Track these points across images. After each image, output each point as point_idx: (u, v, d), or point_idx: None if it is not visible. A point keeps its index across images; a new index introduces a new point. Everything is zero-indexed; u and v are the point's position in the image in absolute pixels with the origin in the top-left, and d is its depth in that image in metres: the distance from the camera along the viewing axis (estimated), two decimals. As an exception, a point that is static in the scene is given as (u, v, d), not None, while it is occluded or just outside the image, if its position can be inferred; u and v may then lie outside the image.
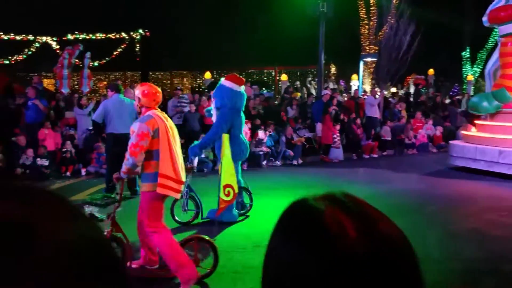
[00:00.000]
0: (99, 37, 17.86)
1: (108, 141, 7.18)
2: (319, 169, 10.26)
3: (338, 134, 11.58)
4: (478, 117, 9.85)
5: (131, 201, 6.98)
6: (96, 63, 18.22)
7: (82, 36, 17.37)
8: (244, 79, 6.08)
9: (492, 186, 7.83)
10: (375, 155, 12.36)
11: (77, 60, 9.60)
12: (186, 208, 5.59)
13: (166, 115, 3.79)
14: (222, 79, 5.90)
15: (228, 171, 4.39)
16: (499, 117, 9.03)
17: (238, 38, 23.88)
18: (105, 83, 25.25)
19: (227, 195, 4.37)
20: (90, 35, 17.72)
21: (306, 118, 12.75)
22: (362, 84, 18.95)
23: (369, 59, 19.21)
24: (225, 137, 4.71)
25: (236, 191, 4.61)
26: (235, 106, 5.62)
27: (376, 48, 19.63)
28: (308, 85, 17.07)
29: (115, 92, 7.10)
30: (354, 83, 19.37)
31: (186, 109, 10.67)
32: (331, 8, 12.75)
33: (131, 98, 7.60)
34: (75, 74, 14.30)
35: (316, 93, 14.78)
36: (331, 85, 17.04)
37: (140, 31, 18.07)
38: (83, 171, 9.23)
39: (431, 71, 20.13)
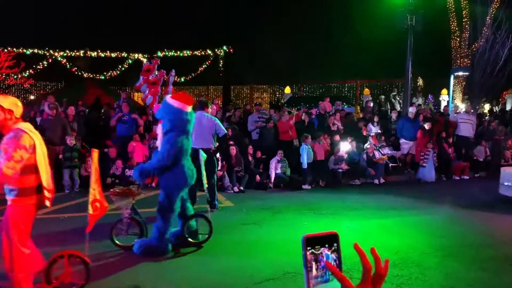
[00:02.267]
0: (186, 54, 18.90)
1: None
2: (402, 189, 9.59)
3: (426, 152, 10.76)
4: None
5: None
6: (182, 79, 19.26)
7: (170, 53, 18.53)
8: (193, 99, 5.39)
9: None
10: (466, 177, 11.31)
11: (165, 76, 10.19)
12: (128, 232, 5.11)
13: (32, 127, 3.58)
14: (168, 96, 5.17)
15: (96, 187, 4.30)
16: None
17: (319, 51, 23.74)
18: (189, 97, 26.67)
19: (95, 209, 4.23)
20: (178, 52, 18.82)
21: (389, 135, 12.08)
22: (453, 99, 17.55)
23: (460, 73, 17.77)
24: (95, 154, 4.42)
25: (106, 204, 4.31)
26: (184, 129, 4.97)
27: (469, 61, 18.15)
28: (393, 99, 16.21)
29: (199, 109, 7.37)
30: (444, 98, 18.02)
31: (264, 124, 10.72)
32: (419, 21, 12.04)
33: (212, 114, 7.86)
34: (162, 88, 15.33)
35: (401, 108, 13.99)
36: (419, 100, 16.01)
37: (224, 47, 18.77)
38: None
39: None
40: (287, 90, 20.10)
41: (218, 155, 8.18)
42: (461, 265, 4.64)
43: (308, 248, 0.88)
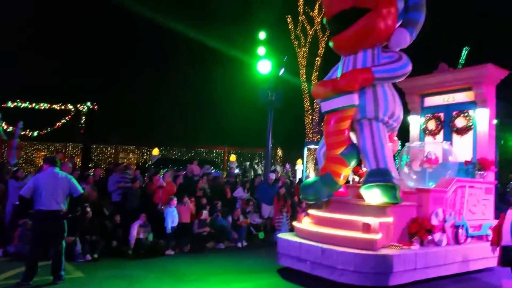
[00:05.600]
0: (43, 107, 17.29)
1: (35, 218, 6.52)
2: (262, 252, 9.91)
3: (280, 216, 11.50)
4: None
5: None
6: (35, 133, 17.39)
7: (24, 105, 16.74)
8: None
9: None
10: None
11: (11, 128, 9.10)
12: None
13: None
14: None
15: None
16: (329, 207, 7.60)
17: (188, 117, 24.38)
18: (43, 153, 23.99)
19: None
20: (34, 104, 17.13)
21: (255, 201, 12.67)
22: (306, 169, 19.58)
23: (312, 146, 20.16)
24: None
25: None
26: None
27: (319, 136, 20.87)
28: (255, 166, 17.32)
29: (50, 165, 6.65)
30: (299, 167, 19.97)
31: (128, 185, 10.20)
32: (278, 97, 13.52)
33: (68, 172, 7.17)
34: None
35: (262, 174, 14.96)
36: (278, 168, 17.40)
37: (88, 104, 17.79)
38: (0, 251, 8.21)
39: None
40: (155, 151, 19.80)
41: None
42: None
43: None
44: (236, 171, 16.54)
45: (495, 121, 16.70)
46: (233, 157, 19.85)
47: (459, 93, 8.98)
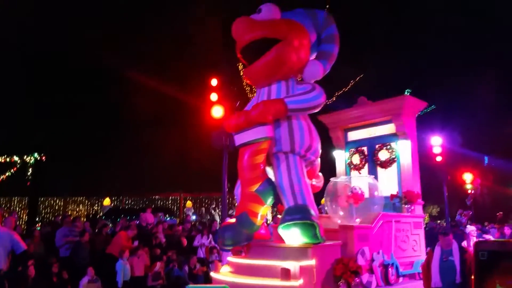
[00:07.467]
0: (-16, 160, 16.37)
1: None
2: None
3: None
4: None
5: None
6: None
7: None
8: None
9: None
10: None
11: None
12: None
13: None
14: None
15: None
16: (249, 252, 6.89)
17: (141, 164, 23.93)
18: (-16, 209, 22.33)
19: None
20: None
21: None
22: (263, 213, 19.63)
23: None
24: None
25: None
26: None
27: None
28: (213, 211, 17.12)
29: (-8, 220, 6.30)
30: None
31: (77, 239, 9.71)
32: (232, 142, 13.68)
33: (11, 227, 6.80)
34: None
35: (220, 219, 14.83)
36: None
37: (35, 155, 17.04)
38: None
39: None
40: (107, 202, 19.12)
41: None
42: None
43: None
44: (193, 217, 16.29)
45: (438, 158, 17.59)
46: (189, 203, 19.56)
47: (381, 126, 8.90)
